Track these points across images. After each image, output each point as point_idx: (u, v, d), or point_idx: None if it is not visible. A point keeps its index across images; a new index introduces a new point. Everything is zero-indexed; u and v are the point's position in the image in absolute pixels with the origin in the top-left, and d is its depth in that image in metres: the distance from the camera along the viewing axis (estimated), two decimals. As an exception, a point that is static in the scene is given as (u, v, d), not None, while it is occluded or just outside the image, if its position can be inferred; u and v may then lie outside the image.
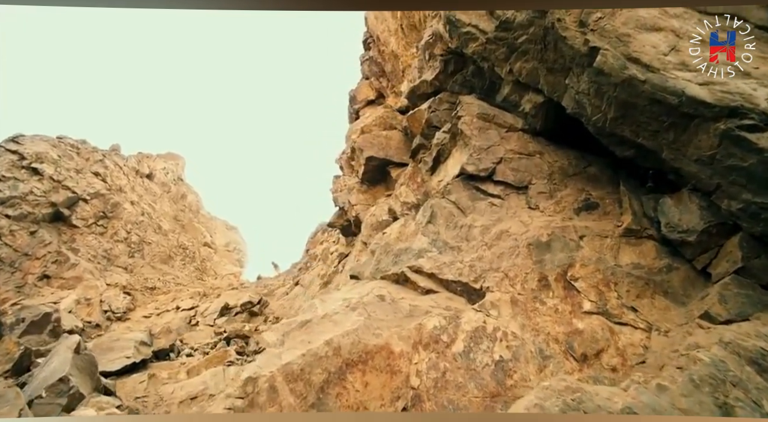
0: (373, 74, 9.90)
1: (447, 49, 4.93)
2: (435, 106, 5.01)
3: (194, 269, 31.78)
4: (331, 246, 14.31)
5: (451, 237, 3.50)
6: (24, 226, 20.66)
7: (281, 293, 17.42)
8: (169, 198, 37.55)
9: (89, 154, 28.43)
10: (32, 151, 23.49)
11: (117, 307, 14.89)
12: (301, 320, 2.84)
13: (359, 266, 3.85)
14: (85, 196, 25.11)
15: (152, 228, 30.31)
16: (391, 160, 5.69)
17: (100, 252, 24.33)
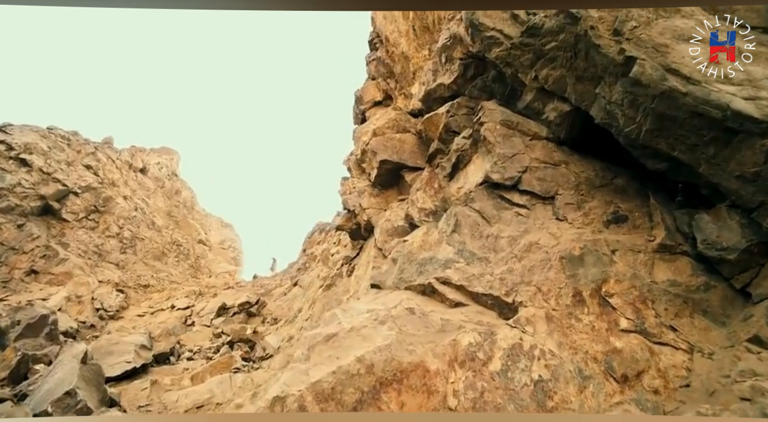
0: (380, 75, 9.77)
1: (467, 53, 4.84)
2: (453, 111, 4.91)
3: (188, 266, 31.35)
4: (331, 247, 14.17)
5: (477, 248, 3.40)
6: (11, 219, 20.10)
7: (279, 293, 17.21)
8: (162, 193, 36.98)
9: (80, 146, 27.81)
10: (21, 142, 22.84)
11: (110, 305, 14.52)
12: (326, 333, 2.71)
13: (380, 275, 3.73)
14: (76, 189, 24.57)
15: (145, 224, 29.83)
16: (405, 163, 5.58)
17: (91, 248, 23.84)
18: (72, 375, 3.21)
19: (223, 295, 15.73)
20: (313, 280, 15.53)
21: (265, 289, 20.12)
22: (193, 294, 16.82)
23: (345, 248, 13.85)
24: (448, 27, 5.65)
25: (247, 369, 5.42)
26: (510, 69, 4.25)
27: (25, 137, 22.57)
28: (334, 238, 15.11)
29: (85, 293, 14.75)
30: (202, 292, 17.48)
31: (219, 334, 10.40)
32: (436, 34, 6.89)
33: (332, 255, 13.65)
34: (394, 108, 8.34)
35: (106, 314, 14.09)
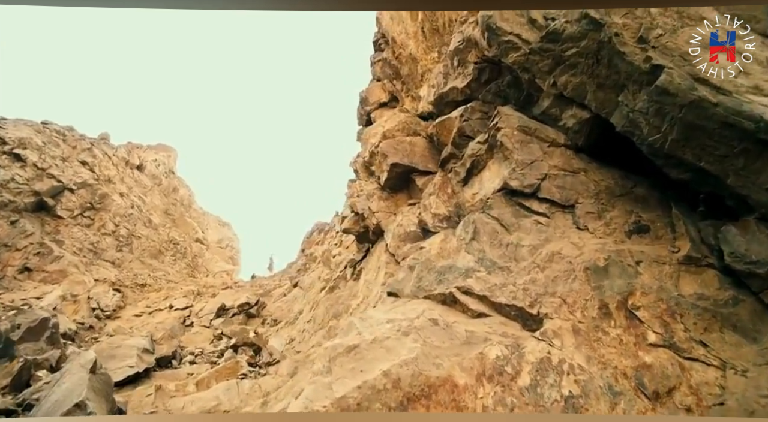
0: (386, 76, 9.70)
1: (482, 57, 4.78)
2: (467, 115, 4.85)
3: (185, 265, 31.07)
4: (332, 249, 14.07)
5: (497, 256, 3.35)
6: (4, 216, 19.77)
7: (279, 294, 17.07)
8: (159, 191, 36.64)
9: (76, 142, 27.44)
10: (15, 136, 22.46)
11: (106, 305, 14.31)
12: (347, 345, 2.63)
13: (397, 282, 3.66)
14: (71, 185, 24.24)
15: (142, 222, 29.53)
16: (416, 167, 5.51)
17: (86, 245, 23.56)
18: (81, 385, 3.09)
19: (222, 296, 15.57)
20: (313, 282, 15.42)
21: (264, 290, 19.96)
22: (191, 294, 16.63)
23: (347, 250, 13.76)
24: (461, 30, 5.59)
25: (254, 375, 5.31)
26: (527, 74, 4.20)
27: (20, 132, 22.20)
28: (335, 240, 15.02)
29: (80, 292, 14.52)
30: (201, 292, 17.29)
31: (219, 336, 10.26)
32: (446, 37, 6.83)
33: (334, 257, 13.55)
34: (401, 110, 8.27)
35: (102, 314, 13.87)
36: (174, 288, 18.26)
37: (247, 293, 15.69)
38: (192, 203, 39.08)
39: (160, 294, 17.20)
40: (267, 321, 14.42)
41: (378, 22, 11.43)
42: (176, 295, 16.68)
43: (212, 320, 13.35)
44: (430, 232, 4.68)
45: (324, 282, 13.81)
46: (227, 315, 13.82)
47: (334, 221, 30.00)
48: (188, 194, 39.41)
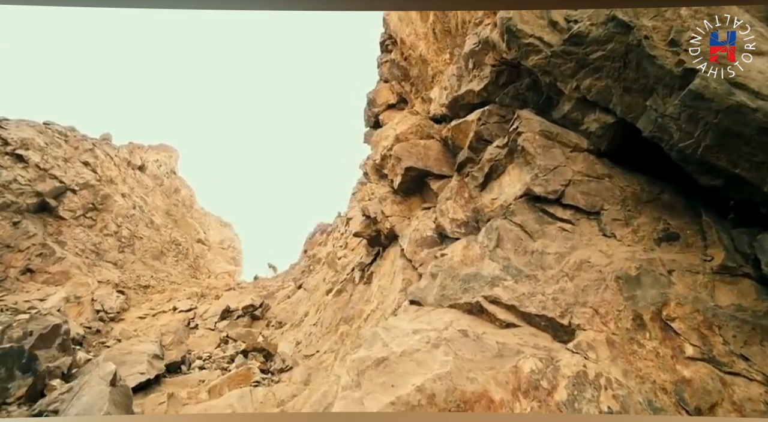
0: (394, 77, 9.63)
1: (500, 60, 4.71)
2: (485, 119, 4.78)
3: (187, 266, 31.00)
4: (338, 250, 13.99)
5: (523, 264, 3.28)
6: (6, 216, 19.69)
7: (283, 296, 17.00)
8: (161, 191, 36.57)
9: (78, 143, 27.39)
10: (17, 137, 22.40)
11: (110, 307, 14.23)
12: (375, 357, 2.56)
13: (419, 290, 3.59)
14: (74, 186, 24.18)
15: (144, 223, 29.46)
16: (430, 171, 5.44)
17: (89, 246, 23.49)
18: (102, 399, 3.01)
19: (226, 298, 15.50)
20: (318, 284, 15.34)
21: (267, 291, 19.88)
22: (194, 296, 16.55)
23: (352, 252, 13.68)
24: (476, 32, 5.52)
25: (267, 383, 5.24)
26: (548, 77, 4.13)
27: (22, 132, 22.14)
28: (339, 241, 14.95)
29: (84, 294, 14.44)
30: (204, 294, 17.22)
31: (226, 340, 10.18)
32: (458, 38, 6.76)
33: (339, 259, 13.47)
34: (411, 111, 8.20)
35: (106, 316, 13.78)
36: (177, 290, 18.19)
37: (252, 295, 15.62)
38: (193, 204, 39.03)
39: (163, 295, 17.12)
40: (272, 323, 14.34)
41: (385, 23, 11.36)
42: (180, 297, 16.60)
43: (217, 322, 13.28)
44: (448, 238, 4.61)
45: (329, 284, 13.74)
46: (232, 317, 13.74)
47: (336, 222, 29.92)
48: (189, 194, 39.34)
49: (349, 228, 14.82)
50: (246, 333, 12.31)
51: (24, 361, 3.82)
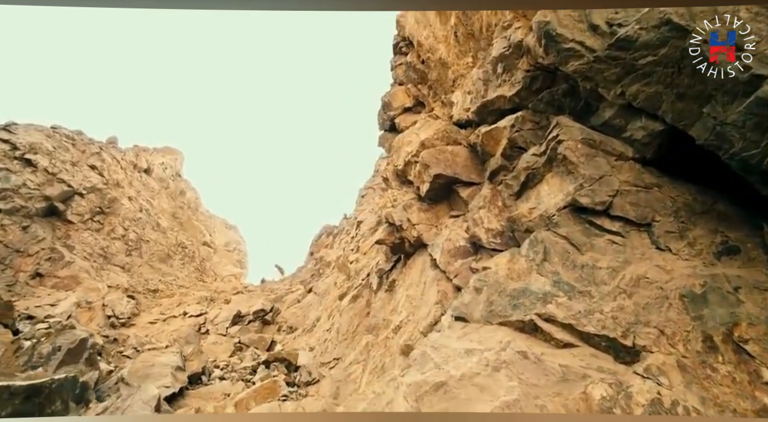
0: (410, 80, 9.52)
1: (535, 65, 4.59)
2: (519, 125, 4.65)
3: (194, 269, 30.99)
4: (349, 254, 13.87)
5: (574, 279, 3.14)
6: (16, 221, 19.69)
7: (292, 300, 16.90)
8: (167, 194, 36.63)
9: (85, 146, 27.47)
10: (26, 141, 22.43)
11: (121, 312, 14.18)
12: (433, 381, 2.44)
13: (464, 306, 3.46)
14: (81, 190, 24.23)
15: (150, 226, 29.48)
16: (459, 178, 5.32)
17: (97, 250, 23.48)
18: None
19: (236, 302, 15.42)
20: (329, 288, 15.22)
21: (275, 294, 19.80)
22: (204, 301, 16.49)
23: (365, 256, 13.56)
24: (505, 35, 5.39)
25: (295, 397, 5.12)
26: (589, 83, 4.00)
27: (30, 137, 22.20)
28: (351, 245, 14.83)
29: (95, 299, 14.40)
30: (213, 298, 17.15)
31: (240, 347, 10.09)
32: (482, 41, 6.64)
33: (351, 263, 13.36)
34: (430, 115, 8.08)
35: (117, 321, 13.73)
36: (186, 294, 18.13)
37: (261, 299, 15.53)
38: (199, 206, 39.07)
39: (172, 300, 17.06)
40: (283, 328, 14.25)
41: (399, 25, 11.25)
42: (189, 301, 16.54)
43: (228, 328, 13.19)
44: (484, 248, 4.48)
45: (341, 288, 13.62)
46: (243, 322, 13.66)
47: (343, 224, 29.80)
48: (195, 197, 39.39)
49: (360, 231, 14.70)
50: (258, 338, 12.20)
51: (77, 392, 3.72)
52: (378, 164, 21.23)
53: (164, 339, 13.06)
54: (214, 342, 10.85)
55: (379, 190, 17.53)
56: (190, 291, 19.33)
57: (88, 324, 13.87)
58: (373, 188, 17.99)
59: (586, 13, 4.20)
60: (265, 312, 14.41)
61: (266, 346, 11.92)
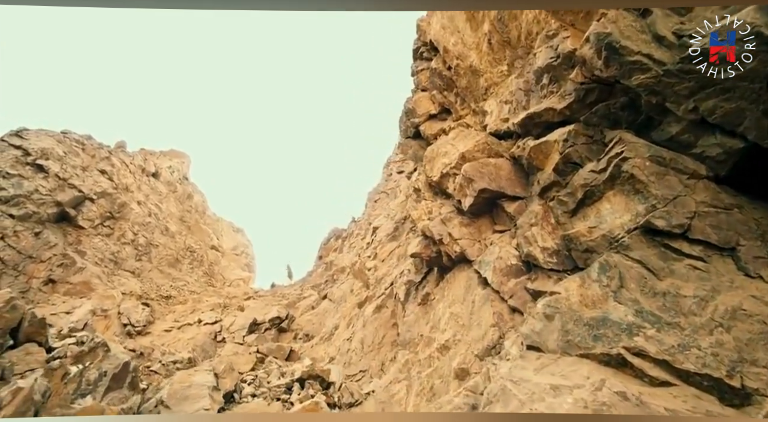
0: (436, 87, 9.37)
1: (591, 77, 4.42)
2: (572, 140, 4.48)
3: (202, 273, 30.95)
4: (366, 261, 13.71)
5: (657, 309, 2.97)
6: (28, 227, 19.67)
7: (306, 306, 16.75)
8: (175, 198, 36.64)
9: (95, 151, 27.47)
10: (37, 147, 22.44)
11: (137, 320, 14.07)
12: None
13: (536, 334, 3.29)
14: (92, 195, 24.22)
15: (159, 230, 29.44)
16: (504, 192, 5.15)
17: (107, 256, 23.45)
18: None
19: (250, 309, 15.28)
20: (344, 295, 15.06)
21: (287, 300, 19.65)
22: (218, 307, 16.36)
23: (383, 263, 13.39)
24: (550, 45, 5.23)
25: (340, 419, 4.97)
26: (655, 97, 3.83)
27: (42, 142, 22.23)
28: (367, 251, 14.67)
29: (110, 307, 14.30)
30: (226, 304, 17.03)
31: (261, 358, 9.95)
32: (520, 50, 6.48)
33: (369, 270, 13.20)
34: (459, 123, 7.93)
35: (133, 329, 13.62)
36: (199, 301, 18.02)
37: (276, 307, 15.38)
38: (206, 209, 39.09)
39: (186, 307, 16.95)
40: (299, 335, 14.10)
41: (420, 29, 11.10)
42: (203, 308, 16.42)
43: (245, 336, 13.05)
44: (539, 268, 4.31)
45: (359, 296, 13.45)
46: (259, 330, 13.52)
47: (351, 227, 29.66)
48: (202, 200, 39.42)
49: (377, 237, 14.54)
50: (277, 347, 12.07)
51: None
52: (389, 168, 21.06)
53: (181, 347, 12.95)
54: (234, 353, 10.71)
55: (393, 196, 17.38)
56: (203, 297, 19.23)
57: (104, 332, 13.77)
58: (386, 193, 17.83)
59: (649, 23, 4.04)
60: (280, 320, 14.28)
61: (285, 355, 11.78)
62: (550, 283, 4.10)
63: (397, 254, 11.96)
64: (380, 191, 18.64)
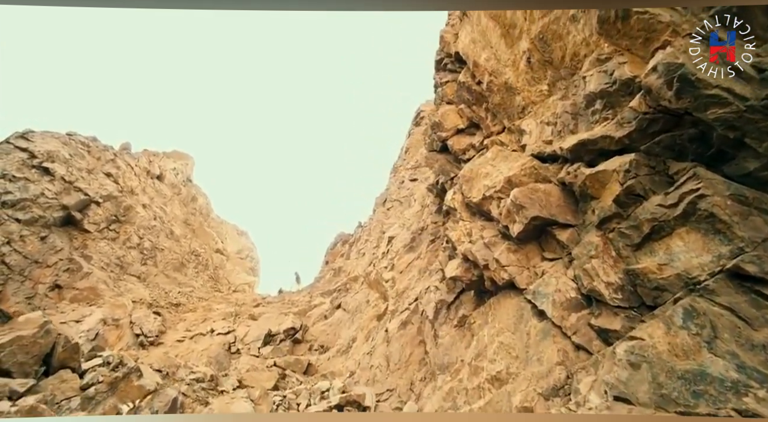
0: (463, 101, 9.25)
1: (656, 107, 4.30)
2: (635, 171, 4.36)
3: (208, 278, 30.72)
4: (383, 272, 13.55)
5: (760, 364, 2.84)
6: (34, 231, 19.39)
7: (318, 315, 16.57)
8: (179, 200, 36.38)
9: (100, 153, 27.21)
10: (43, 149, 22.18)
11: (149, 331, 13.84)
12: None
13: (622, 384, 3.16)
14: (98, 198, 23.96)
15: (164, 234, 29.18)
16: (556, 220, 5.02)
17: (113, 260, 23.17)
18: None
19: (264, 319, 15.08)
20: (359, 305, 14.90)
21: (297, 307, 19.45)
22: (230, 316, 16.15)
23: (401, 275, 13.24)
24: (604, 70, 5.11)
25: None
26: (733, 132, 3.71)
27: (47, 145, 21.96)
28: (383, 261, 14.50)
29: (122, 316, 14.05)
30: (238, 313, 16.81)
31: (283, 375, 9.77)
32: (563, 71, 6.36)
33: (386, 282, 13.05)
34: (492, 140, 7.80)
35: (146, 340, 13.40)
36: (209, 309, 17.79)
37: (290, 317, 15.19)
38: (210, 212, 38.80)
39: (196, 315, 16.72)
40: (314, 347, 13.92)
41: (443, 41, 10.99)
42: (214, 317, 16.20)
43: (260, 348, 12.86)
44: (603, 304, 4.18)
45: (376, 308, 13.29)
46: (275, 342, 13.34)
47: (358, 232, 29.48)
48: (206, 202, 39.14)
49: (393, 247, 14.39)
50: (295, 361, 11.89)
51: None
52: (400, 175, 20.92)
53: (195, 359, 12.73)
54: (253, 368, 10.52)
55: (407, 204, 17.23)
56: (212, 305, 18.99)
57: (116, 342, 13.54)
58: (399, 201, 17.68)
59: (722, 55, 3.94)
60: (295, 331, 14.10)
61: (303, 369, 11.60)
62: (617, 321, 3.97)
63: (417, 267, 11.82)
64: (392, 199, 18.49)
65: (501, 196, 5.81)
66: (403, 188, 18.36)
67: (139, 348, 13.12)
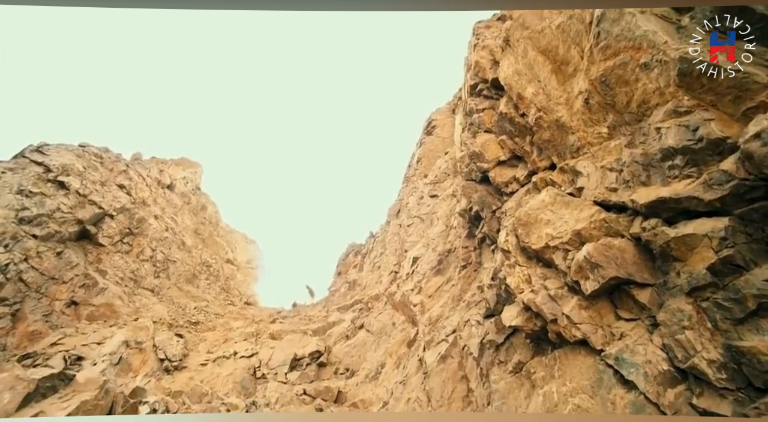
0: (504, 132, 9.09)
1: (758, 175, 4.12)
2: (732, 238, 4.18)
3: (219, 289, 30.50)
4: (410, 294, 13.36)
5: None
6: (51, 247, 19.24)
7: (339, 335, 16.37)
8: (189, 210, 36.18)
9: (113, 164, 27.05)
10: (58, 163, 22.02)
11: (173, 354, 13.65)
12: None
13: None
14: (111, 211, 23.80)
15: (176, 245, 28.97)
16: (633, 279, 4.84)
17: (127, 274, 23.00)
18: None
19: (287, 341, 14.88)
20: (385, 327, 14.69)
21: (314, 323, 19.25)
22: (250, 337, 15.96)
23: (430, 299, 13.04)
24: (685, 124, 4.93)
25: None
26: None
27: (62, 158, 21.83)
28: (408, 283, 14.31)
29: (145, 339, 13.87)
30: (258, 332, 16.61)
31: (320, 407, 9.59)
32: (626, 116, 6.18)
33: (414, 306, 12.87)
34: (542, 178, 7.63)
35: (171, 365, 13.21)
36: (229, 328, 17.58)
37: (315, 339, 14.98)
38: (219, 221, 38.63)
39: (216, 334, 16.53)
40: (339, 370, 13.72)
41: (478, 66, 10.83)
42: (235, 337, 16.01)
43: (287, 373, 12.68)
44: (703, 382, 4.00)
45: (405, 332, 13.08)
46: (300, 366, 13.15)
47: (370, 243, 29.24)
48: (215, 211, 38.97)
49: (418, 268, 14.21)
50: (325, 389, 11.69)
51: None
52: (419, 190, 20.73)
53: (221, 385, 12.54)
54: (282, 396, 10.32)
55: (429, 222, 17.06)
56: (229, 322, 18.79)
57: (141, 367, 13.34)
58: (420, 218, 17.51)
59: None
60: (320, 354, 13.91)
61: (333, 397, 11.41)
62: (725, 405, 3.79)
63: (450, 294, 11.63)
64: (412, 215, 18.31)
65: (568, 249, 5.63)
66: (422, 204, 18.17)
67: (164, 373, 12.94)
